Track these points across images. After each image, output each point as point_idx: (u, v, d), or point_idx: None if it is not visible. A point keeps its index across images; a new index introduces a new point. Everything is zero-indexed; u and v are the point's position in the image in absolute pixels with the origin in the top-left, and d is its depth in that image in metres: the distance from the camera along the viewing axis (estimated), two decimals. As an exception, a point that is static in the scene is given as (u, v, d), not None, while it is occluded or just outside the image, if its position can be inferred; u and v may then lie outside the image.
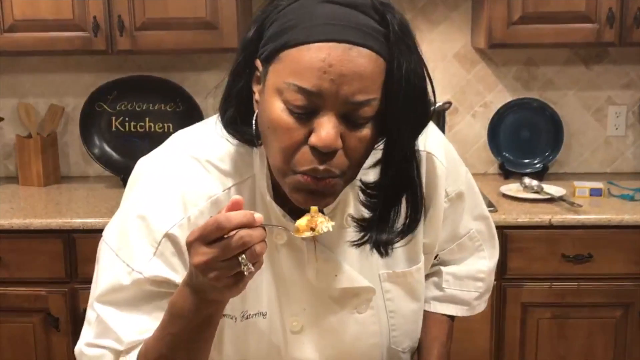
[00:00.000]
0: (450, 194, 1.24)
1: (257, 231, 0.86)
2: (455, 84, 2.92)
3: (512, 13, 2.52)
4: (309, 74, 0.90)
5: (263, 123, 0.98)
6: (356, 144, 0.95)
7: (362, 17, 0.93)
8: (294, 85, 0.91)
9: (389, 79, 0.93)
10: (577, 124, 2.94)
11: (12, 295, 2.42)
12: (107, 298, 1.07)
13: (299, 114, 0.93)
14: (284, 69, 0.93)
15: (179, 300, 0.96)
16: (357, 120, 0.94)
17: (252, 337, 1.12)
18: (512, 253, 2.38)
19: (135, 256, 1.04)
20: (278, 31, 0.95)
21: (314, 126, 0.92)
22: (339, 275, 1.11)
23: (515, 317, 2.43)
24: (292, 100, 0.92)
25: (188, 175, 1.07)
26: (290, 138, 0.94)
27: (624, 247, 2.37)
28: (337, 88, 0.90)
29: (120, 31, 2.54)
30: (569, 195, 2.55)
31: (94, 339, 1.07)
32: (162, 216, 1.04)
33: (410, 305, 1.22)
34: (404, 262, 1.20)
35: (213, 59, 2.89)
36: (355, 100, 0.91)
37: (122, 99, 2.86)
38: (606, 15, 2.50)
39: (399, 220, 1.06)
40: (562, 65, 2.90)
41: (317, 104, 0.92)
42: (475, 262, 1.35)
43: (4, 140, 3.01)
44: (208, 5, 2.53)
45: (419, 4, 2.85)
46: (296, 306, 1.13)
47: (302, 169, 0.94)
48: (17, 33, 2.57)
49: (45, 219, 2.38)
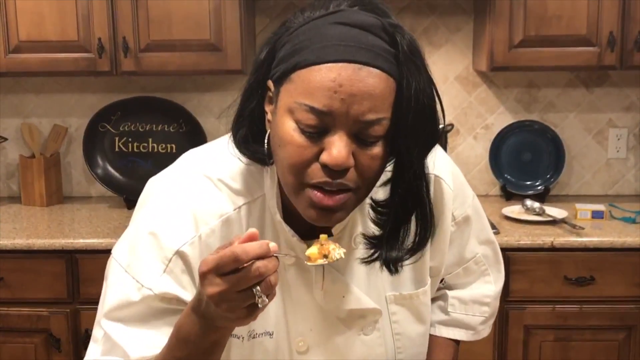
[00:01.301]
0: (457, 217, 1.24)
1: (272, 262, 0.86)
2: (457, 106, 2.93)
3: (513, 36, 2.54)
4: (320, 94, 0.92)
5: (275, 142, 0.99)
6: (368, 162, 0.96)
7: (372, 37, 0.95)
8: (305, 105, 0.93)
9: (399, 98, 0.95)
10: (579, 146, 2.95)
11: (14, 316, 2.42)
12: (115, 314, 1.06)
13: (310, 133, 0.94)
14: (296, 90, 0.94)
15: (186, 325, 0.96)
16: (368, 139, 0.95)
17: (258, 356, 1.12)
18: (514, 275, 2.38)
19: (146, 272, 1.04)
20: (290, 52, 0.97)
21: (325, 145, 0.94)
22: (346, 296, 1.12)
23: (518, 340, 2.42)
24: (304, 119, 0.93)
25: (200, 194, 1.08)
26: (301, 156, 0.95)
27: (626, 269, 2.37)
28: (347, 107, 0.92)
29: (125, 52, 2.56)
30: (570, 217, 2.55)
31: (100, 356, 1.06)
32: (173, 233, 1.05)
33: (416, 328, 1.23)
34: (411, 284, 1.20)
35: (216, 80, 2.91)
36: (365, 119, 0.93)
37: (126, 120, 2.88)
38: (607, 38, 2.51)
39: (408, 238, 1.06)
40: (563, 88, 2.91)
41: (328, 123, 0.93)
42: (481, 286, 1.35)
43: (7, 160, 3.02)
44: (212, 28, 2.55)
45: (421, 26, 2.88)
46: (303, 326, 1.13)
47: (314, 182, 0.95)
48: (22, 54, 2.59)
49: (47, 239, 2.39)
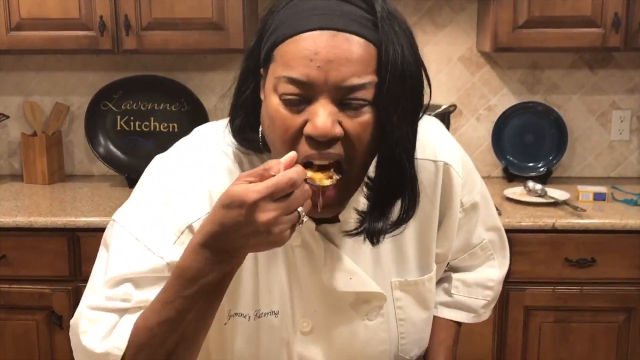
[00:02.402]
0: (466, 204, 1.24)
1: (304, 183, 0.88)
2: (460, 87, 2.92)
3: (517, 17, 2.53)
4: (297, 64, 0.92)
5: (264, 123, 0.99)
6: (357, 130, 0.94)
7: (348, 6, 0.95)
8: (284, 77, 0.93)
9: (379, 65, 0.93)
10: (582, 128, 2.94)
11: (16, 293, 2.43)
12: (121, 279, 1.03)
13: (293, 104, 0.94)
14: (277, 66, 0.95)
15: (195, 263, 0.92)
16: (354, 105, 0.93)
17: (263, 335, 1.12)
18: (515, 256, 2.37)
19: (157, 241, 1.03)
20: (271, 32, 0.98)
21: (309, 114, 0.93)
22: (353, 278, 1.12)
23: (517, 321, 2.43)
24: (285, 92, 0.93)
25: (216, 169, 1.06)
26: (288, 129, 0.94)
27: (628, 251, 2.37)
28: (325, 74, 0.91)
29: (127, 31, 2.55)
30: (572, 199, 2.55)
31: (102, 302, 1.02)
32: (187, 206, 1.03)
33: (420, 314, 1.23)
34: (416, 270, 1.20)
35: (218, 59, 2.90)
36: (346, 84, 0.92)
37: (128, 98, 2.87)
38: (612, 20, 2.50)
39: (393, 210, 1.05)
40: (567, 69, 2.90)
41: (310, 93, 0.93)
42: (485, 270, 1.36)
43: (9, 138, 3.02)
44: (214, 6, 2.54)
45: (425, 6, 2.86)
46: (308, 307, 1.13)
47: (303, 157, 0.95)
48: (23, 31, 2.58)
49: (49, 217, 2.39)
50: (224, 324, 1.12)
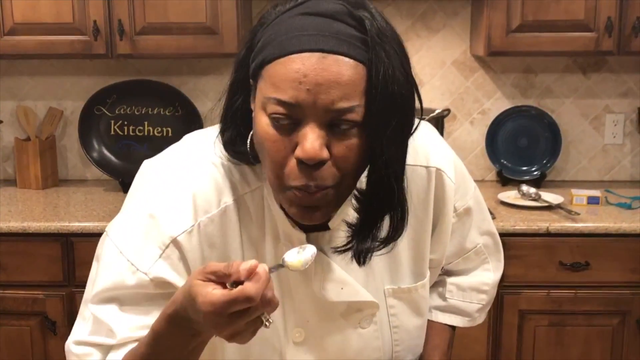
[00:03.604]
0: (459, 209, 1.24)
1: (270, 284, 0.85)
2: (454, 91, 2.93)
3: (511, 21, 2.53)
4: (286, 86, 0.90)
5: (255, 140, 0.98)
6: (345, 153, 0.93)
7: (338, 24, 0.92)
8: (274, 99, 0.91)
9: (368, 84, 0.91)
10: (575, 131, 2.95)
11: (10, 299, 2.42)
12: (106, 295, 1.05)
13: (282, 126, 0.92)
14: (265, 85, 0.93)
15: (165, 331, 0.94)
16: (342, 128, 0.92)
17: (255, 345, 1.11)
18: (509, 260, 2.37)
19: (141, 256, 1.03)
20: (259, 49, 0.95)
21: (299, 139, 0.92)
22: (344, 288, 1.11)
23: (512, 324, 2.43)
24: (275, 114, 0.92)
25: (202, 179, 1.06)
26: (278, 152, 0.93)
27: (621, 255, 2.37)
28: (314, 97, 0.89)
29: (120, 35, 2.54)
30: (566, 203, 2.56)
31: (87, 336, 1.05)
32: (172, 219, 1.03)
33: (414, 321, 1.22)
34: (410, 277, 1.19)
35: (212, 63, 2.90)
36: (335, 107, 0.90)
37: (121, 103, 2.87)
38: (605, 24, 2.51)
39: (382, 229, 1.03)
40: (560, 73, 2.91)
41: (299, 115, 0.91)
42: (480, 274, 1.36)
43: (3, 143, 3.01)
44: (208, 11, 2.54)
45: (418, 10, 2.86)
46: (300, 317, 1.13)
47: (294, 185, 0.94)
48: (17, 36, 2.58)
49: (43, 222, 2.38)
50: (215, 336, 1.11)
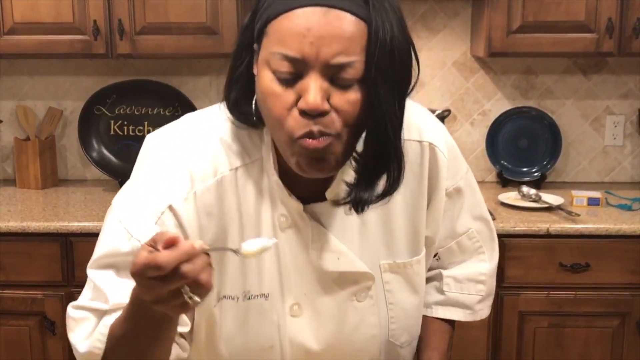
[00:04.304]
0: (449, 188, 1.25)
1: (198, 261, 0.85)
2: (454, 92, 2.92)
3: (511, 22, 2.53)
4: (290, 40, 0.94)
5: (259, 98, 1.01)
6: (346, 106, 0.96)
7: None
8: (278, 54, 0.95)
9: (369, 41, 0.95)
10: (575, 133, 2.94)
11: (9, 298, 2.41)
12: (103, 262, 1.08)
13: (286, 80, 0.96)
14: (270, 41, 0.97)
15: (135, 299, 0.95)
16: (342, 83, 0.95)
17: (253, 317, 1.14)
18: (509, 261, 2.38)
19: (137, 224, 1.06)
20: (265, 7, 0.99)
21: (301, 91, 0.95)
22: (340, 258, 1.13)
23: (512, 326, 2.43)
24: (279, 68, 0.95)
25: (199, 151, 1.09)
26: (281, 104, 0.96)
27: (622, 256, 2.37)
28: (317, 50, 0.93)
29: (120, 35, 2.54)
30: (566, 204, 2.55)
31: (86, 301, 1.09)
32: (168, 188, 1.07)
33: (409, 298, 1.23)
34: (406, 253, 1.20)
35: (212, 63, 2.89)
36: (336, 62, 0.94)
37: (121, 103, 2.86)
38: (605, 25, 2.50)
39: (379, 184, 1.06)
40: (560, 75, 2.90)
41: (301, 69, 0.95)
42: (475, 265, 1.35)
43: (2, 143, 3.01)
44: (208, 11, 2.53)
45: (419, 11, 2.86)
46: (297, 290, 1.15)
47: (299, 134, 0.97)
48: (17, 36, 2.57)
49: (42, 222, 2.38)
50: (213, 306, 1.13)
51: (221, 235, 1.10)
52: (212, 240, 1.09)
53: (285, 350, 1.16)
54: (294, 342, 1.16)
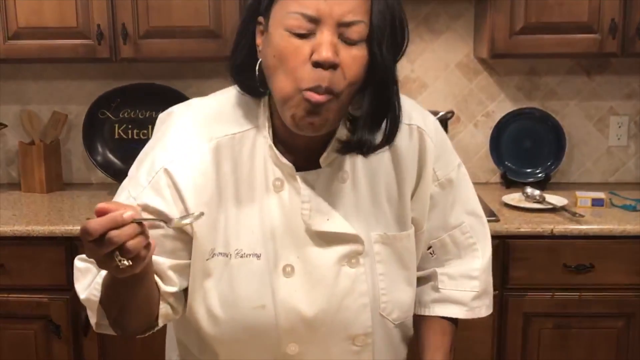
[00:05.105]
0: (441, 178, 1.30)
1: (126, 229, 0.94)
2: (458, 94, 2.92)
3: (514, 23, 2.53)
4: (307, 0, 1.06)
5: (269, 57, 1.10)
6: (351, 62, 1.08)
7: None
8: (297, 13, 1.06)
9: (372, 5, 1.09)
10: (579, 133, 2.94)
11: (14, 302, 2.42)
12: None
13: (302, 35, 1.07)
14: (288, 3, 1.08)
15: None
16: (349, 41, 1.08)
17: (245, 275, 1.19)
18: (513, 262, 2.38)
19: (135, 184, 1.18)
20: None
21: (315, 46, 1.06)
22: (330, 219, 1.20)
23: (517, 327, 2.42)
24: (295, 24, 1.07)
25: (196, 119, 1.21)
26: (296, 57, 1.07)
27: (626, 257, 2.37)
28: (330, 9, 1.06)
29: (124, 39, 2.55)
30: (570, 205, 2.55)
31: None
32: (164, 153, 1.17)
33: (399, 271, 1.27)
34: (395, 225, 1.26)
35: (217, 66, 2.90)
36: (346, 20, 1.07)
37: (125, 107, 2.87)
38: (608, 25, 2.50)
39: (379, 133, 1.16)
40: (564, 75, 2.90)
41: (315, 26, 1.07)
42: (469, 261, 1.37)
43: (7, 147, 3.02)
44: (212, 14, 2.54)
45: (422, 13, 2.86)
46: (289, 252, 1.19)
47: (308, 86, 1.06)
48: (21, 40, 2.58)
49: (47, 226, 2.39)
50: (206, 260, 1.19)
51: (216, 198, 1.17)
52: (209, 200, 1.16)
53: (278, 313, 1.19)
54: (286, 304, 1.19)
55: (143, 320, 1.18)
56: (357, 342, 1.25)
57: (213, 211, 1.16)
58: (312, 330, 1.21)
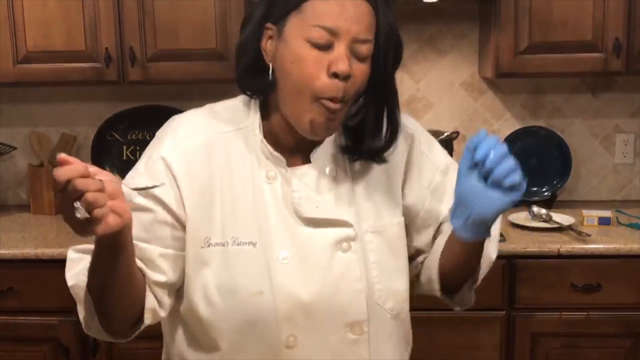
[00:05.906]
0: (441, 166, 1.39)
1: (90, 182, 0.99)
2: (463, 113, 2.94)
3: (519, 43, 2.55)
4: (330, 15, 1.18)
5: (286, 62, 1.20)
6: (359, 75, 1.21)
7: None
8: (319, 27, 1.17)
9: (380, 30, 1.22)
10: (585, 151, 2.95)
11: (23, 325, 2.43)
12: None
13: (320, 47, 1.18)
14: (307, 16, 1.18)
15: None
16: (359, 56, 1.20)
17: (242, 262, 1.24)
18: (521, 282, 2.38)
19: (134, 173, 1.26)
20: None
21: (332, 59, 1.18)
22: (319, 206, 1.27)
23: (524, 347, 2.42)
24: (316, 37, 1.17)
25: (194, 117, 1.32)
26: (315, 67, 1.18)
27: (633, 276, 2.37)
28: (349, 26, 1.18)
29: (132, 62, 2.58)
30: (577, 224, 2.55)
31: (85, 245, 1.22)
32: (161, 145, 1.27)
33: (391, 260, 1.31)
34: (386, 212, 1.32)
35: (223, 88, 2.91)
36: (360, 37, 1.19)
37: (133, 129, 2.89)
38: (613, 44, 2.51)
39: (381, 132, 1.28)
40: (569, 94, 2.91)
41: (334, 40, 1.18)
42: None
43: (16, 169, 3.05)
44: (218, 36, 2.57)
45: (427, 34, 2.88)
46: (283, 239, 1.25)
47: (327, 96, 1.18)
48: (30, 64, 2.61)
49: (56, 249, 2.40)
50: (201, 248, 1.24)
51: (209, 187, 1.24)
52: (202, 187, 1.24)
53: (276, 299, 1.22)
54: (283, 289, 1.23)
55: (128, 310, 1.20)
56: (354, 332, 1.27)
57: (206, 199, 1.24)
58: (309, 316, 1.24)
